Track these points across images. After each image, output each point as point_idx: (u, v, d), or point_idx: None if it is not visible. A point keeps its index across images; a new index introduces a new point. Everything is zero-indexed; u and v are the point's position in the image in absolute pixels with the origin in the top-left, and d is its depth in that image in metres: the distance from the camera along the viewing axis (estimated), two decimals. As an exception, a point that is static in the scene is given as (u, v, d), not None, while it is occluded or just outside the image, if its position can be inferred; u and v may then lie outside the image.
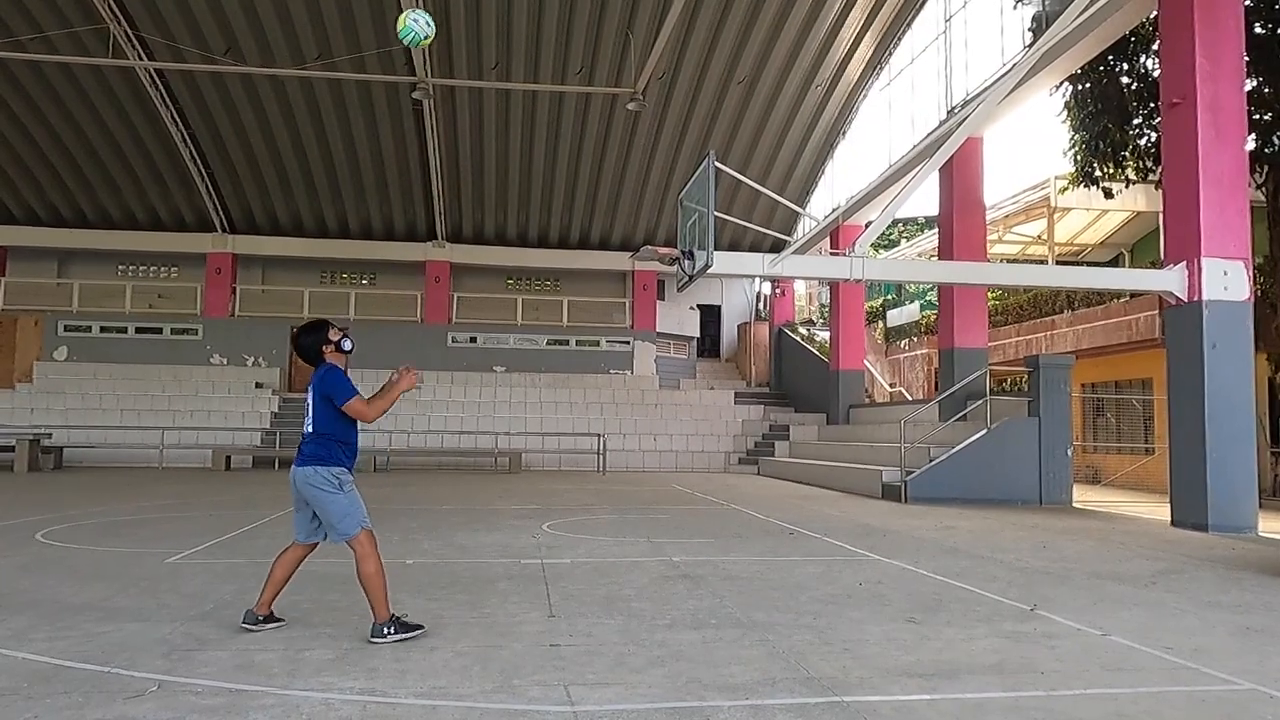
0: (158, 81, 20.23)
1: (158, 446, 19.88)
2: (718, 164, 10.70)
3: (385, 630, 4.37)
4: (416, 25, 4.95)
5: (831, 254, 19.72)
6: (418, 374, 4.78)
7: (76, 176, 23.45)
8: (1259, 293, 12.49)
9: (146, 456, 20.05)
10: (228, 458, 19.57)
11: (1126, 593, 6.06)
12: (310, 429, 4.59)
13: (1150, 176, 15.56)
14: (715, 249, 10.50)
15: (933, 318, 22.34)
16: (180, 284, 25.88)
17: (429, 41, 5.03)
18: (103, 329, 24.48)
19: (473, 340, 25.97)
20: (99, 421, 20.90)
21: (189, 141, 22.16)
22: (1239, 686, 3.86)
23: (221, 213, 24.87)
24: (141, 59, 18.99)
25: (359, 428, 4.71)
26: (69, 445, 19.55)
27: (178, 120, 21.43)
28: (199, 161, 22.89)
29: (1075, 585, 6.32)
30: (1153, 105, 14.25)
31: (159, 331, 24.75)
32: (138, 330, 24.62)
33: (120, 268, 26.15)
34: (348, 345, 4.68)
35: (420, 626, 4.53)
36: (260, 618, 4.61)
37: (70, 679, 3.74)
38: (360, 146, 22.50)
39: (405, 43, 5.05)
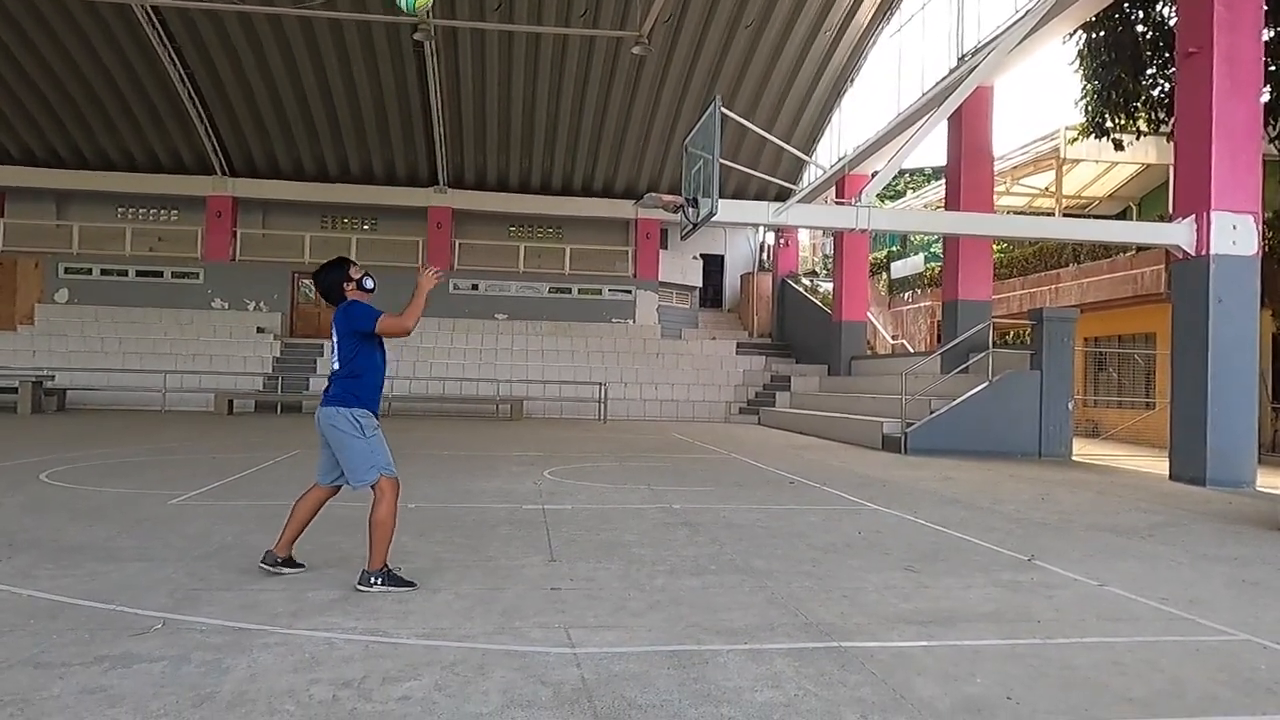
0: (154, 19, 19.85)
1: (160, 390, 19.93)
2: (723, 110, 10.53)
3: (374, 580, 4.27)
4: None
5: (837, 203, 19.57)
6: (437, 271, 4.64)
7: (74, 117, 23.13)
8: (1267, 247, 12.38)
9: (149, 399, 20.11)
10: (230, 401, 19.62)
11: (1124, 544, 6.10)
12: (336, 366, 4.51)
13: (1162, 128, 15.36)
14: (720, 197, 10.40)
15: (937, 270, 22.22)
16: (180, 227, 25.68)
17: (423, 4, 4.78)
18: (103, 272, 24.37)
19: (474, 288, 25.86)
20: (101, 364, 20.91)
21: (187, 82, 21.82)
22: (1234, 637, 3.89)
23: (221, 155, 24.59)
24: (137, -4, 18.62)
25: (387, 360, 4.65)
26: (71, 387, 19.60)
27: (175, 60, 21.08)
28: (197, 102, 22.57)
29: (1073, 536, 6.36)
30: (1167, 55, 14.00)
31: (160, 275, 24.64)
32: (138, 273, 24.51)
33: (120, 210, 25.94)
34: (369, 284, 4.59)
35: (412, 584, 4.36)
36: (279, 559, 4.55)
37: (75, 616, 3.78)
38: (361, 88, 22.16)
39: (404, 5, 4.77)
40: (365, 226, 27.08)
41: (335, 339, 4.53)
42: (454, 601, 4.17)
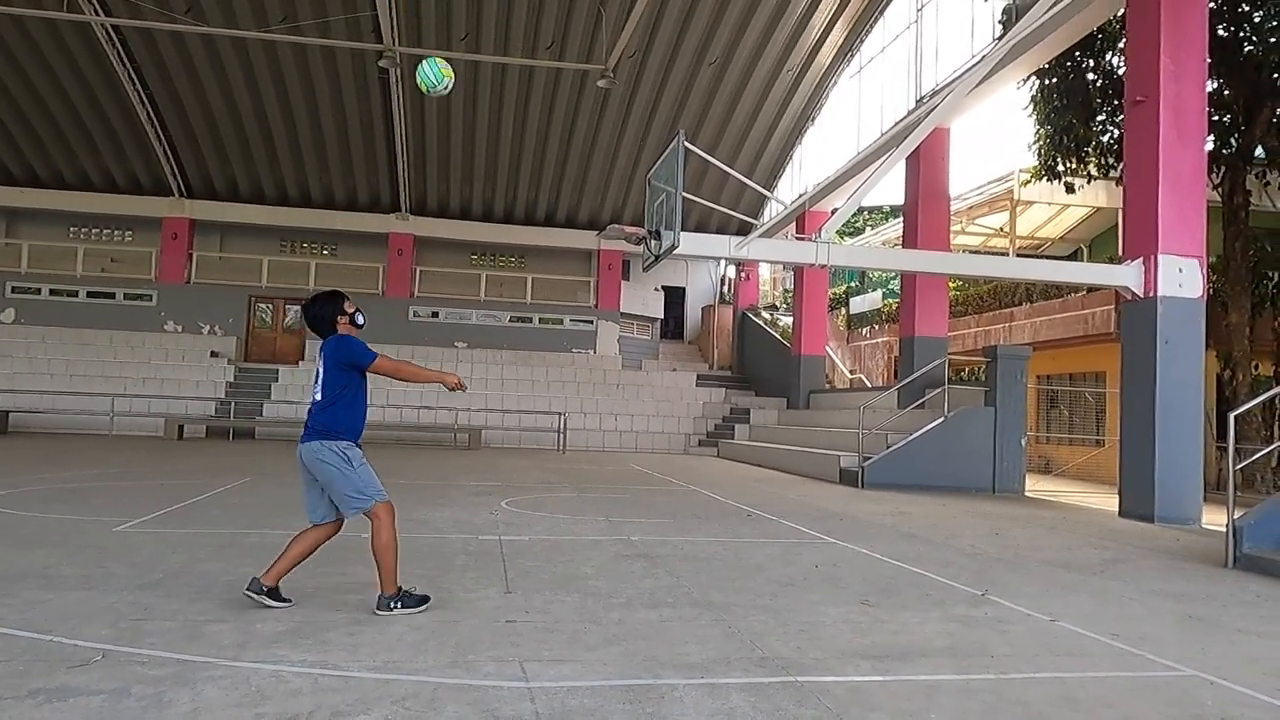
0: (114, 39, 19.64)
1: (108, 414, 19.45)
2: (686, 144, 10.64)
3: (392, 604, 4.37)
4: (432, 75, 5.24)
5: (797, 239, 19.79)
6: (465, 385, 4.91)
7: (27, 134, 22.71)
8: (1211, 291, 12.75)
9: (96, 424, 19.62)
10: (180, 426, 19.21)
11: (1076, 580, 6.18)
12: (319, 396, 4.52)
13: (1112, 173, 15.82)
14: (682, 230, 10.47)
15: (894, 306, 22.54)
16: (134, 248, 25.25)
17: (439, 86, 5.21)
18: (53, 292, 23.86)
19: (435, 315, 25.70)
20: (47, 386, 20.38)
21: (146, 102, 21.56)
22: (1182, 672, 3.95)
23: (179, 176, 24.27)
24: (98, 14, 18.40)
25: (369, 398, 4.72)
26: (15, 410, 19.05)
27: (135, 80, 20.83)
28: (156, 123, 22.29)
29: (1026, 572, 6.43)
30: (1117, 102, 14.46)
31: (111, 296, 24.17)
32: (89, 294, 24.02)
33: (72, 229, 25.41)
34: (361, 320, 4.71)
35: (427, 598, 4.51)
36: (265, 588, 4.38)
37: (10, 647, 3.64)
38: (324, 114, 22.07)
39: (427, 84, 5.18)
40: (325, 252, 26.82)
41: (322, 371, 4.54)
42: (407, 634, 4.09)
